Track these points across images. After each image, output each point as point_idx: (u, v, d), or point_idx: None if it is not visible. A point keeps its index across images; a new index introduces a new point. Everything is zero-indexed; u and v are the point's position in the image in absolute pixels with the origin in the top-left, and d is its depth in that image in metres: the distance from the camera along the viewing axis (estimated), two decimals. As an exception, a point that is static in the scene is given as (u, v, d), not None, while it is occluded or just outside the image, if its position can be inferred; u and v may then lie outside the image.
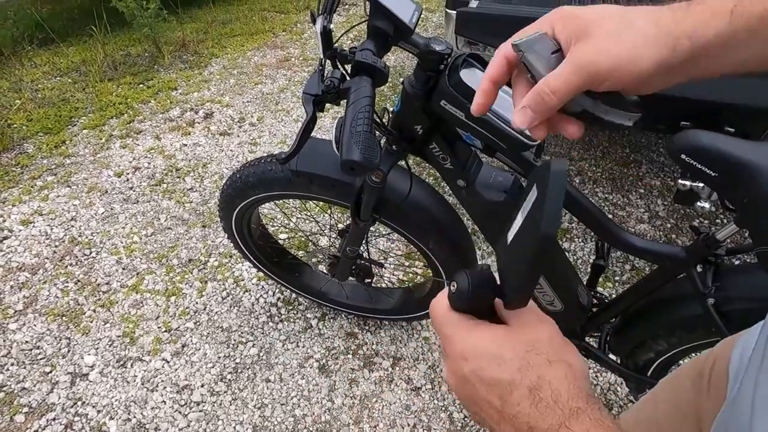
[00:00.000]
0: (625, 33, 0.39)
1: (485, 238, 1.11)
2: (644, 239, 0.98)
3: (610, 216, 2.17)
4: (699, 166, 0.78)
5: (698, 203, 1.72)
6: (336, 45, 0.82)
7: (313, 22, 0.82)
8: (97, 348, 1.60)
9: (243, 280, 1.83)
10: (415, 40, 0.83)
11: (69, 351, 1.59)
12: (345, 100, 0.70)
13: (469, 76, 0.83)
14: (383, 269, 1.48)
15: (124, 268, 1.88)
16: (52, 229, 2.05)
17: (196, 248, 1.97)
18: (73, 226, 2.07)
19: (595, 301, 1.20)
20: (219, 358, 1.58)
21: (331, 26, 0.81)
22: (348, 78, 0.75)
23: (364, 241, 1.28)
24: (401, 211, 1.15)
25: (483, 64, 0.87)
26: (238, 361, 1.57)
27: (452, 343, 0.40)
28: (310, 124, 0.72)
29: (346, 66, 0.81)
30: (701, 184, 1.67)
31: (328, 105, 0.77)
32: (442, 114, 0.87)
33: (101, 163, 2.45)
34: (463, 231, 1.25)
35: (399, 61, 3.43)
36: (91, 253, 1.95)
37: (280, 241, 1.67)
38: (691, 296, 0.96)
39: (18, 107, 2.86)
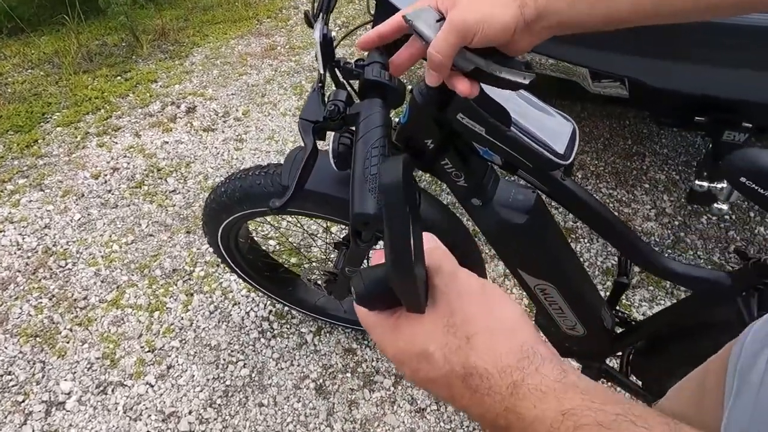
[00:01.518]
0: None
1: (503, 262, 1.00)
2: (683, 263, 0.88)
3: (615, 213, 2.08)
4: (764, 192, 0.67)
5: (715, 205, 1.63)
6: (338, 56, 0.69)
7: (309, 25, 0.69)
8: (75, 372, 1.48)
9: (231, 291, 1.71)
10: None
11: (44, 376, 1.47)
12: (353, 127, 0.58)
13: (493, 89, 0.71)
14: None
15: (102, 281, 1.75)
16: (23, 239, 1.91)
17: (180, 257, 1.84)
18: (47, 235, 1.93)
19: (618, 321, 1.11)
20: (207, 380, 1.47)
21: (333, 33, 0.67)
22: (354, 98, 0.63)
23: (364, 260, 1.17)
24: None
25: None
26: (228, 383, 1.46)
27: (383, 348, 0.38)
28: (310, 159, 0.60)
29: (349, 81, 0.68)
30: (720, 185, 1.58)
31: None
32: (458, 128, 0.75)
33: (77, 163, 2.29)
34: (475, 250, 1.14)
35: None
36: (66, 264, 1.81)
37: (271, 254, 1.55)
38: (734, 324, 0.86)
39: (-15, 103, 2.67)
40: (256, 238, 1.51)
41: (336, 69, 0.67)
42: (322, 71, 0.68)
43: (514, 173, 0.81)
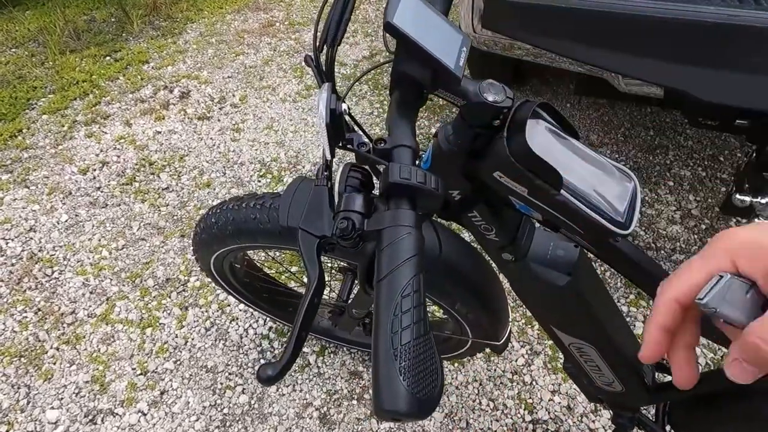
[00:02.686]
0: None
1: (534, 318, 0.87)
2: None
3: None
4: None
5: (756, 220, 1.49)
6: (349, 134, 0.53)
7: (308, 64, 0.54)
8: (62, 399, 1.38)
9: (229, 305, 1.60)
10: (462, 88, 0.56)
11: (28, 403, 1.37)
12: (372, 245, 0.44)
13: (539, 138, 0.57)
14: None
15: (91, 292, 1.64)
16: (7, 243, 1.79)
17: (174, 264, 1.72)
18: (32, 239, 1.81)
19: (658, 366, 0.99)
20: (204, 408, 1.37)
21: (344, 106, 0.51)
22: (373, 201, 0.48)
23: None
24: (427, 278, 0.91)
25: (554, 114, 0.61)
26: (226, 411, 1.36)
27: None
28: (314, 298, 0.46)
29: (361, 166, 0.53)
30: (765, 200, 1.44)
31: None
32: (494, 186, 0.61)
33: (64, 156, 2.15)
34: (498, 290, 1.01)
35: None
36: (53, 272, 1.70)
37: (270, 276, 1.42)
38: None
39: (-34, 88, 2.51)
40: (253, 260, 1.38)
41: (347, 147, 0.53)
42: (329, 157, 0.53)
43: (557, 231, 0.68)
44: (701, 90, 1.05)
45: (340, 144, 0.54)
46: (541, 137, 0.58)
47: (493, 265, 0.85)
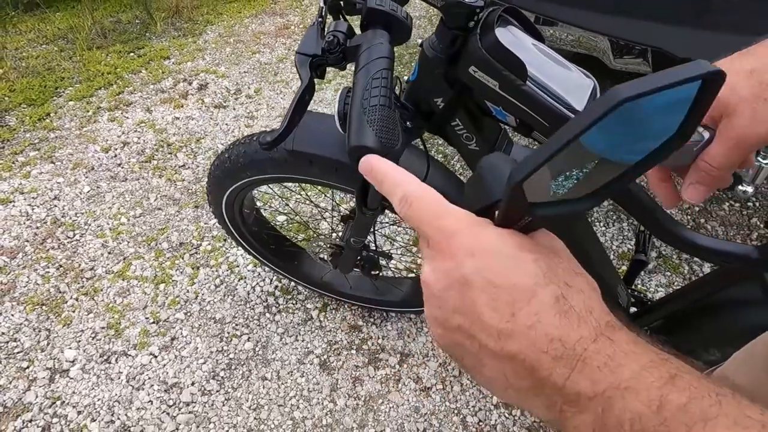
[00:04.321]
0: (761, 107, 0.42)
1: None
2: (707, 236, 0.83)
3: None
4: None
5: (740, 187, 1.56)
6: None
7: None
8: (79, 341, 1.47)
9: (238, 266, 1.69)
10: None
11: (48, 344, 1.46)
12: (353, 63, 0.54)
13: (507, 36, 0.67)
14: (391, 260, 1.33)
15: (110, 253, 1.74)
16: (33, 209, 1.91)
17: (188, 231, 1.82)
18: (56, 206, 1.93)
19: (634, 300, 1.06)
20: (211, 353, 1.45)
21: None
22: (357, 32, 0.58)
23: (370, 232, 1.13)
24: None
25: (521, 20, 0.71)
26: (231, 356, 1.44)
27: (455, 237, 0.31)
28: (305, 94, 0.56)
29: (353, 19, 0.64)
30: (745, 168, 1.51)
31: (330, 70, 0.60)
32: (470, 83, 0.71)
33: (88, 137, 2.28)
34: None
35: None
36: (74, 235, 1.81)
37: (277, 227, 1.52)
38: (760, 302, 0.81)
39: (0, 76, 2.68)
40: (262, 211, 1.48)
41: (338, 3, 0.63)
42: (322, 4, 0.64)
43: (529, 135, 0.77)
44: (677, 48, 1.15)
45: None
46: (509, 38, 0.68)
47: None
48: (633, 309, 1.07)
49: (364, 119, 0.44)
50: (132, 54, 2.95)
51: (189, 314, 1.55)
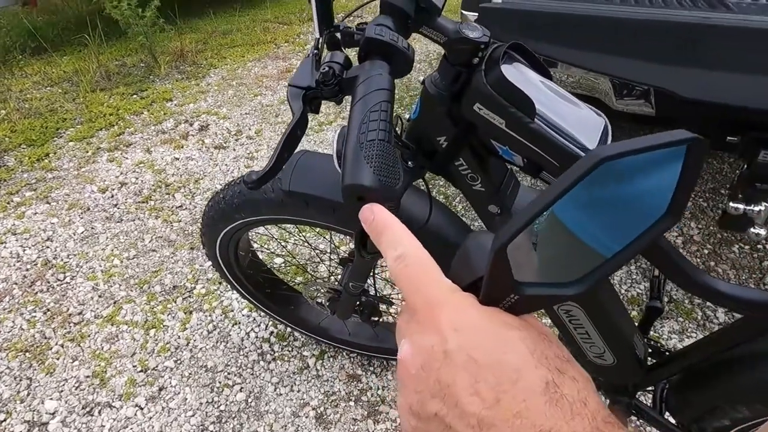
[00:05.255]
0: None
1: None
2: (729, 283, 0.77)
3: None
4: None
5: (752, 229, 1.51)
6: (339, 22, 0.62)
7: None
8: (62, 391, 1.39)
9: (232, 310, 1.62)
10: (441, 24, 0.63)
11: (29, 394, 1.38)
12: (350, 96, 0.50)
13: (513, 72, 0.64)
14: (391, 306, 1.27)
15: (100, 296, 1.68)
16: (24, 251, 1.86)
17: (182, 273, 1.77)
18: (48, 247, 1.88)
19: (651, 351, 0.99)
20: (201, 404, 1.36)
21: None
22: (354, 63, 0.55)
23: (370, 276, 1.08)
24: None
25: (528, 56, 0.68)
26: (222, 408, 1.36)
27: (442, 309, 0.28)
28: (296, 129, 0.52)
29: (351, 52, 0.60)
30: (757, 208, 1.47)
31: (331, 111, 0.57)
32: (475, 121, 0.67)
33: (85, 177, 2.26)
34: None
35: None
36: (65, 278, 1.75)
37: (274, 269, 1.47)
38: (790, 356, 0.75)
39: (2, 118, 2.69)
40: (258, 253, 1.43)
41: (335, 35, 0.60)
42: (318, 35, 0.61)
43: (537, 175, 0.73)
44: (682, 88, 1.12)
45: (328, 30, 0.61)
46: (515, 74, 0.64)
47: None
48: (650, 360, 1.00)
49: (361, 155, 0.40)
50: (135, 96, 2.97)
51: (179, 362, 1.47)
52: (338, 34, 0.60)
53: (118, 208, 2.08)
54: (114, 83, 3.08)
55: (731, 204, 1.44)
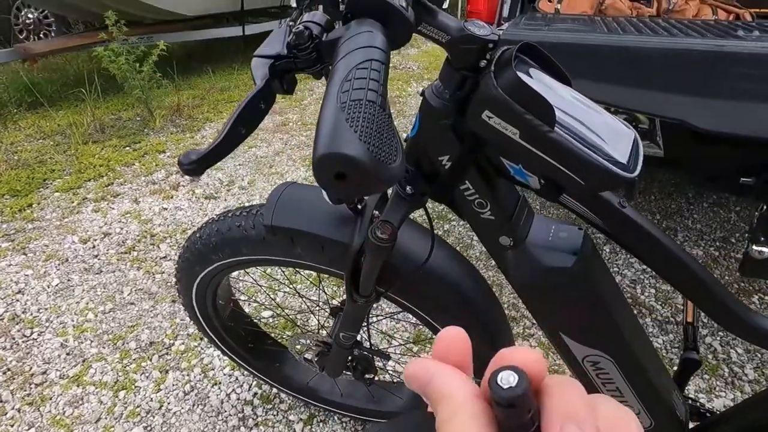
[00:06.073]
0: None
1: (539, 324, 0.78)
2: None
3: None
4: None
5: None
6: None
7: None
8: (11, 464, 1.22)
9: (213, 369, 1.47)
10: (443, 21, 0.55)
11: (-27, 468, 1.21)
12: (331, 66, 0.40)
13: (527, 76, 0.55)
14: (388, 360, 1.13)
15: (68, 353, 1.53)
16: (-8, 304, 1.72)
17: (161, 328, 1.62)
18: (18, 301, 1.74)
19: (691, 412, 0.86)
20: (170, 479, 1.19)
21: None
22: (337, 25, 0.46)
23: (363, 324, 0.95)
24: (416, 284, 0.83)
25: (541, 60, 0.60)
26: (194, 483, 1.18)
27: None
28: (257, 100, 0.42)
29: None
30: (783, 252, 1.36)
31: (302, 82, 0.47)
32: (483, 133, 0.58)
33: (68, 228, 2.15)
34: (498, 310, 0.92)
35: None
36: (32, 333, 1.60)
37: (256, 321, 1.33)
38: None
39: (-13, 169, 2.61)
40: (242, 303, 1.30)
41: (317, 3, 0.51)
42: (294, 4, 0.52)
43: (556, 199, 0.63)
44: (697, 118, 1.05)
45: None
46: (530, 79, 0.56)
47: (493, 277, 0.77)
48: (691, 423, 0.86)
49: (342, 117, 0.30)
50: (128, 148, 2.92)
51: (149, 429, 1.30)
52: (320, 6, 0.51)
53: (99, 259, 1.96)
54: (107, 136, 3.05)
55: (754, 248, 1.33)
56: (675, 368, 0.94)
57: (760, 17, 1.47)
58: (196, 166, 0.43)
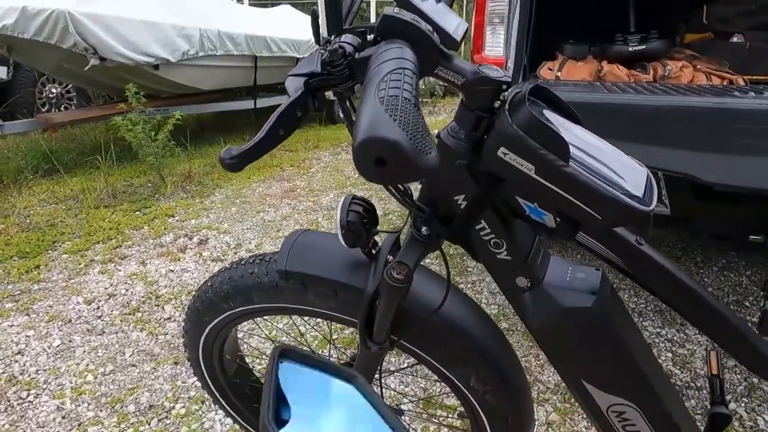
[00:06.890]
0: None
1: (560, 372, 0.75)
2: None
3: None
4: None
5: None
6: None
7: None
8: None
9: (214, 434, 1.40)
10: (459, 65, 0.59)
11: None
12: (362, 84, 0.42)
13: (541, 115, 0.57)
14: (401, 416, 1.08)
15: (64, 417, 1.47)
16: (-11, 365, 1.68)
17: (161, 391, 1.57)
18: (16, 362, 1.70)
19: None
20: None
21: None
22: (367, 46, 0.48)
23: (375, 377, 0.92)
24: (430, 331, 0.81)
25: (551, 102, 0.62)
26: None
27: None
28: (295, 108, 0.43)
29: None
30: (803, 310, 1.33)
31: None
32: (499, 170, 0.59)
33: (73, 289, 2.14)
34: (515, 361, 0.89)
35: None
36: (28, 395, 1.55)
37: (261, 379, 1.29)
38: None
39: (-1, 231, 2.65)
40: (245, 357, 1.27)
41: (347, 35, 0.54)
42: (326, 35, 0.55)
43: (573, 237, 0.63)
44: (700, 171, 1.07)
45: (338, 31, 0.54)
46: (552, 122, 0.58)
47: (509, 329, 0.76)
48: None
49: (381, 108, 0.31)
50: (138, 212, 2.97)
51: (143, 498, 1.22)
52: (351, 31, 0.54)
53: (102, 320, 1.93)
54: (119, 201, 3.11)
55: (772, 304, 1.31)
56: (703, 428, 0.89)
57: (753, 84, 1.53)
58: (237, 161, 0.44)
